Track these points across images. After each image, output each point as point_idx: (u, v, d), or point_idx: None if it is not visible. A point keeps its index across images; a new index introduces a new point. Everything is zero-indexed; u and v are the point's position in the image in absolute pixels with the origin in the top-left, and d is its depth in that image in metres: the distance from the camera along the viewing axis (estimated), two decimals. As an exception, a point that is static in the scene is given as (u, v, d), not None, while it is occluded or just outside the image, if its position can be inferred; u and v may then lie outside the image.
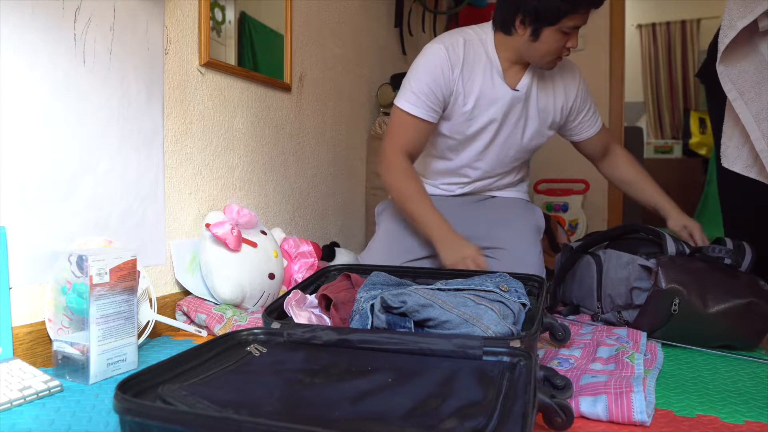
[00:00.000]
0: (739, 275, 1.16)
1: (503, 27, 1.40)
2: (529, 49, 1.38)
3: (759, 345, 1.14)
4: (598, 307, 1.31)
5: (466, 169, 1.56)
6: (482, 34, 1.45)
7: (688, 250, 1.22)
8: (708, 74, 2.18)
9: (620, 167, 1.62)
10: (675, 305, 1.13)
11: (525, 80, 1.45)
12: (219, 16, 1.45)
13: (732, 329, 1.12)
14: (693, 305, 1.12)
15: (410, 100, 1.41)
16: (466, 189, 1.61)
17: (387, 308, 0.93)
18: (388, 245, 1.50)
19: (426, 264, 1.49)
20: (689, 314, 1.12)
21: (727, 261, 1.18)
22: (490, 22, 1.45)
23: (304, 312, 1.05)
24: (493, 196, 1.65)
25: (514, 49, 1.41)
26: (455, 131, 1.48)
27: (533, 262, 1.45)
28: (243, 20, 1.55)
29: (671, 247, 1.22)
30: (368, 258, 1.50)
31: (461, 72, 1.41)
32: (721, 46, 1.12)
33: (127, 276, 0.97)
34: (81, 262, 0.92)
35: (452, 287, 0.99)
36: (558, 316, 1.39)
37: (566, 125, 1.58)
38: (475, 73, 1.42)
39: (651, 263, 1.20)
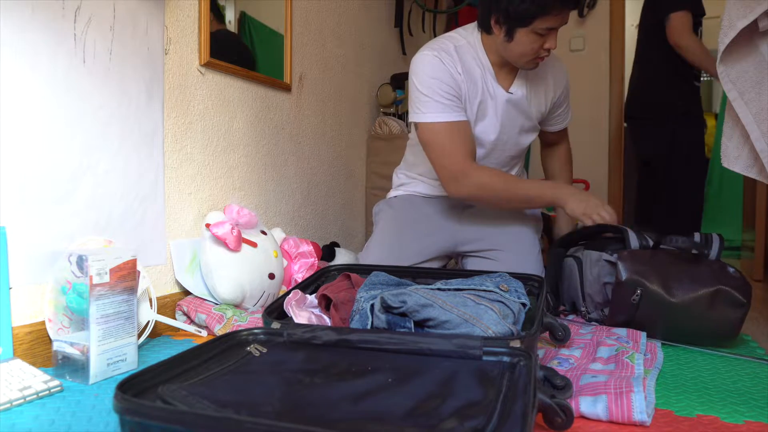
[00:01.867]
0: (706, 264, 1.17)
1: (483, 26, 1.38)
2: (506, 50, 1.35)
3: (738, 333, 1.14)
4: (584, 307, 1.33)
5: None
6: (469, 36, 1.42)
7: (651, 243, 1.24)
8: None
9: (552, 159, 1.73)
10: (636, 295, 1.15)
11: (518, 81, 1.44)
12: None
13: (703, 319, 1.12)
14: (656, 295, 1.14)
15: (437, 108, 1.33)
16: None
17: (387, 308, 0.93)
18: (385, 246, 1.50)
19: (422, 264, 1.49)
20: (654, 305, 1.14)
21: (693, 251, 1.18)
22: (475, 23, 1.43)
23: (304, 312, 1.05)
24: None
25: (496, 50, 1.39)
26: None
27: (532, 262, 1.45)
28: (243, 20, 1.55)
29: (634, 242, 1.24)
30: (366, 259, 1.50)
31: (462, 75, 1.39)
32: (721, 46, 1.12)
33: (127, 276, 0.97)
34: (81, 262, 0.92)
35: (452, 287, 0.99)
36: (561, 316, 1.39)
37: (545, 118, 1.59)
38: (474, 77, 1.41)
39: (614, 258, 1.23)
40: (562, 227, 1.67)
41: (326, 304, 1.08)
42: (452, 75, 1.36)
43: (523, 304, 1.00)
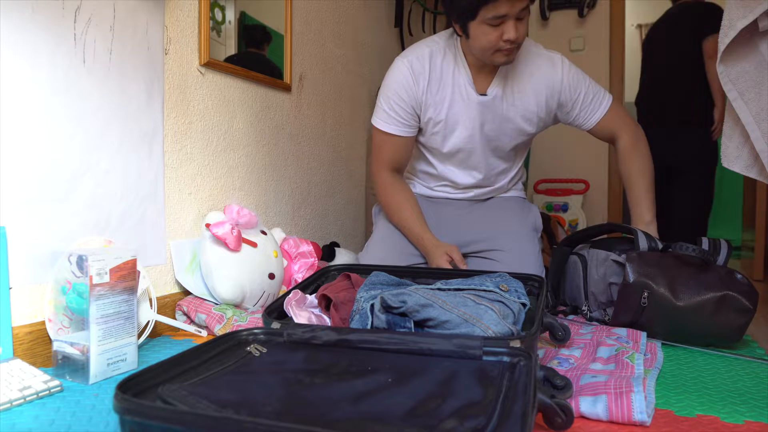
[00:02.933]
0: (714, 269, 1.17)
1: (452, 28, 1.38)
2: (469, 47, 1.34)
3: (742, 338, 1.14)
4: (586, 306, 1.33)
5: (454, 177, 1.54)
6: (449, 39, 1.42)
7: (660, 246, 1.24)
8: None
9: (624, 165, 1.49)
10: (644, 298, 1.15)
11: (495, 83, 1.41)
12: (219, 16, 1.45)
13: (708, 323, 1.12)
14: (663, 298, 1.14)
15: (383, 117, 1.44)
16: (462, 195, 1.59)
17: (387, 308, 0.93)
18: (384, 246, 1.50)
19: (422, 264, 1.49)
20: (660, 308, 1.14)
21: (698, 256, 1.18)
22: None
23: (304, 312, 1.05)
24: (491, 197, 1.64)
25: (469, 50, 1.37)
26: (432, 143, 1.48)
27: (532, 263, 1.45)
28: (243, 20, 1.55)
29: (643, 243, 1.24)
30: (366, 259, 1.50)
31: (428, 85, 1.39)
32: (721, 46, 1.12)
33: (127, 276, 0.97)
34: (81, 262, 0.92)
35: (452, 287, 0.99)
36: (560, 316, 1.39)
37: (565, 117, 1.49)
38: (443, 84, 1.40)
39: (622, 258, 1.23)
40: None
41: (326, 304, 1.08)
42: (414, 89, 1.40)
43: (523, 304, 1.00)
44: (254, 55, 1.62)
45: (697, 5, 2.38)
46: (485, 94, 1.41)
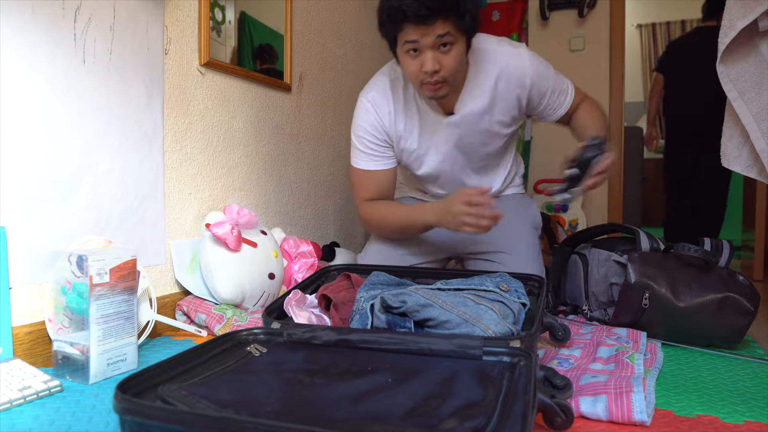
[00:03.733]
0: (715, 271, 1.17)
1: None
2: None
3: (742, 339, 1.14)
4: (587, 305, 1.33)
5: (442, 192, 1.50)
6: None
7: (662, 247, 1.24)
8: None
9: (575, 120, 1.41)
10: (645, 299, 1.15)
11: (462, 99, 1.31)
12: (219, 16, 1.45)
13: (709, 325, 1.12)
14: (664, 299, 1.14)
15: (360, 157, 1.40)
16: None
17: (387, 308, 0.93)
18: (385, 246, 1.49)
19: (421, 264, 1.49)
20: (661, 308, 1.14)
21: (700, 257, 1.18)
22: None
23: (304, 312, 1.05)
24: None
25: None
26: (410, 170, 1.45)
27: (533, 263, 1.45)
28: (243, 20, 1.55)
29: (645, 244, 1.24)
30: (365, 260, 1.50)
31: (394, 117, 1.34)
32: (721, 46, 1.12)
33: (127, 276, 0.97)
34: (81, 262, 0.92)
35: (452, 287, 0.99)
36: (560, 316, 1.39)
37: (531, 111, 1.41)
38: (410, 112, 1.34)
39: (623, 259, 1.23)
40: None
41: (326, 304, 1.08)
42: (381, 125, 1.35)
43: (523, 304, 1.00)
44: (270, 69, 1.68)
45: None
46: (453, 113, 1.32)
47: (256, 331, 0.89)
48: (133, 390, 0.64)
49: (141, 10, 1.19)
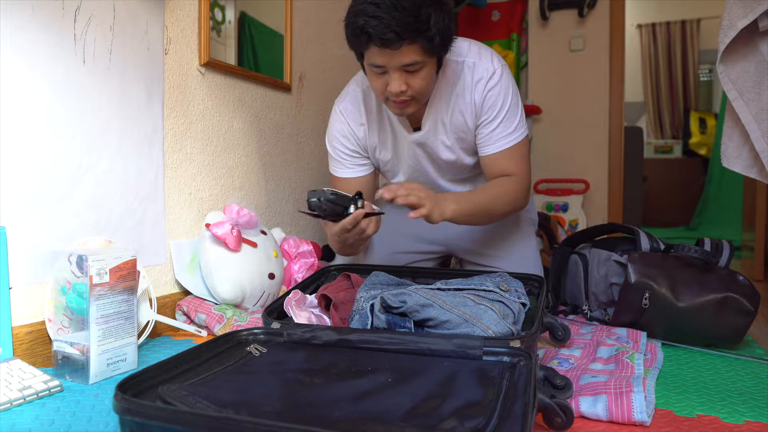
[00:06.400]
0: (715, 271, 1.17)
1: None
2: None
3: (742, 339, 1.14)
4: (587, 305, 1.33)
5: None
6: None
7: (662, 247, 1.24)
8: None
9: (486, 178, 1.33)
10: (645, 299, 1.15)
11: (427, 114, 1.25)
12: (219, 16, 1.45)
13: (709, 325, 1.12)
14: (664, 299, 1.14)
15: (337, 166, 1.37)
16: None
17: (387, 308, 0.93)
18: (383, 247, 1.49)
19: (420, 262, 1.49)
20: (661, 308, 1.14)
21: (700, 257, 1.18)
22: None
23: (304, 312, 1.05)
24: None
25: None
26: (386, 177, 1.43)
27: (532, 263, 1.45)
28: (243, 20, 1.55)
29: (645, 244, 1.24)
30: (364, 258, 1.50)
31: (368, 128, 1.31)
32: (721, 46, 1.12)
33: (127, 276, 0.97)
34: (81, 262, 0.92)
35: (452, 287, 0.99)
36: (560, 316, 1.39)
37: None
38: (383, 123, 1.31)
39: (623, 259, 1.23)
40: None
41: (326, 304, 1.08)
42: (354, 135, 1.32)
43: (523, 304, 1.00)
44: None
45: None
46: (420, 128, 1.27)
47: (256, 331, 0.89)
48: (133, 390, 0.64)
49: (141, 10, 1.19)
